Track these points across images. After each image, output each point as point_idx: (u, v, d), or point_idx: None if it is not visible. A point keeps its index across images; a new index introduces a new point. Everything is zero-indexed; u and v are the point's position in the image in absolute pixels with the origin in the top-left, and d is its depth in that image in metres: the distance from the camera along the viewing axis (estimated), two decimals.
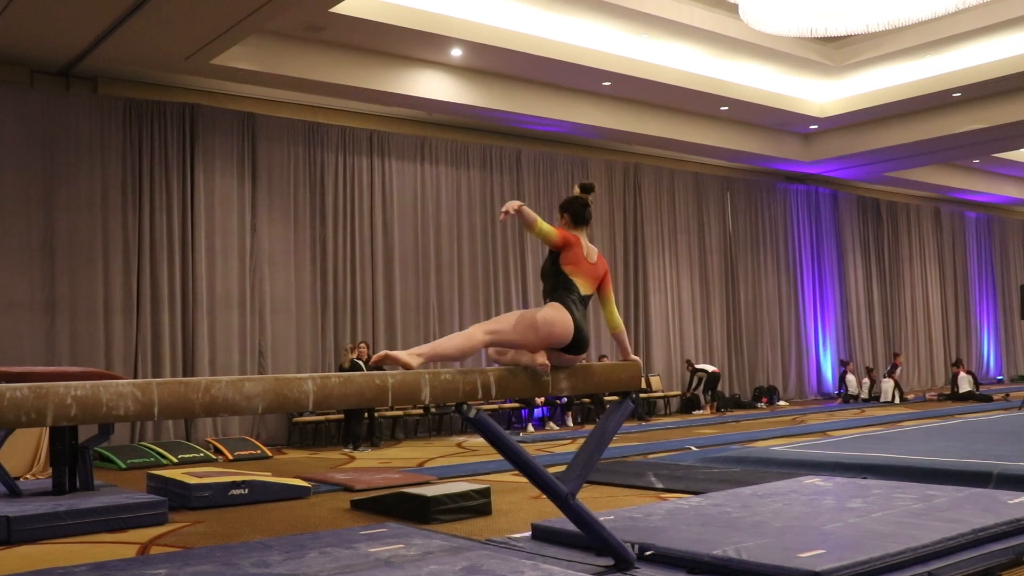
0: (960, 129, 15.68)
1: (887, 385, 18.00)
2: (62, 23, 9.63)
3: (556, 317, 4.17)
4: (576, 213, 4.48)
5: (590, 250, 4.47)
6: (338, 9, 10.37)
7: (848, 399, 18.17)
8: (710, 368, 16.41)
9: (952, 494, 5.58)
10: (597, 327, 15.78)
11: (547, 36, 12.27)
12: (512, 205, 4.08)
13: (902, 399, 17.95)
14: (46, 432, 8.58)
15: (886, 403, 17.54)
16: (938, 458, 7.76)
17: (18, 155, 10.73)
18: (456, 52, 12.08)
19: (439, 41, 11.66)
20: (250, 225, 12.37)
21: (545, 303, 4.34)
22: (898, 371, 18.50)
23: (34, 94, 10.96)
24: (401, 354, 3.88)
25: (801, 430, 12.40)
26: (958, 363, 18.88)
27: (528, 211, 4.15)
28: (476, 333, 4.09)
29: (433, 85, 12.62)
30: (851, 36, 13.79)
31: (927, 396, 19.09)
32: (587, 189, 4.53)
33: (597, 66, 12.86)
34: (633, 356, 4.60)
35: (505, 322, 4.16)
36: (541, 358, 4.17)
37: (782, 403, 17.86)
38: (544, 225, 4.23)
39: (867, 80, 15.38)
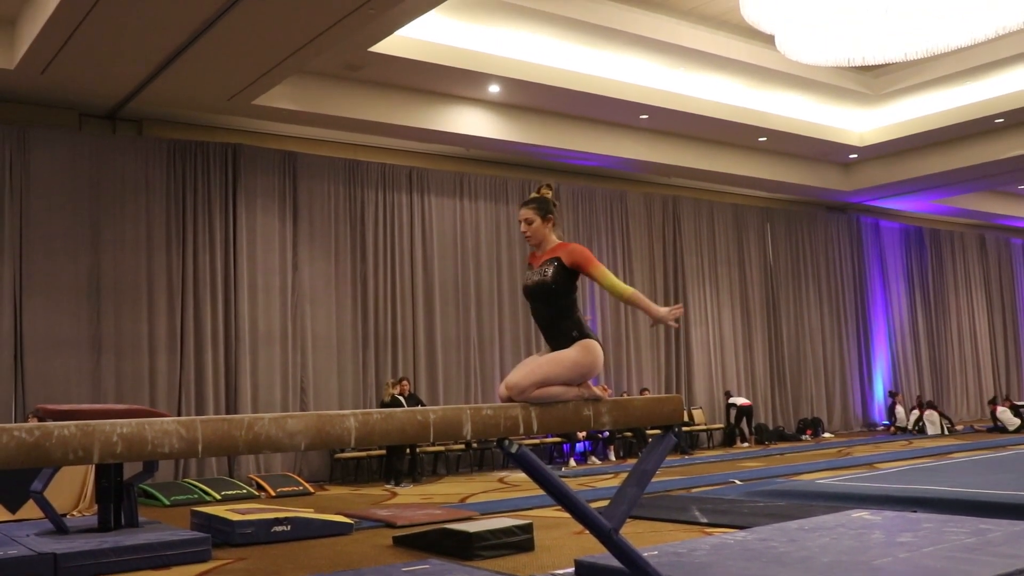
0: (1003, 155, 15.48)
1: (933, 416, 17.67)
2: (109, 68, 9.86)
3: (594, 360, 4.24)
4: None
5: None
6: (376, 48, 10.51)
7: (897, 431, 17.87)
8: (740, 400, 16.26)
9: (1007, 528, 5.44)
10: (637, 362, 15.69)
11: (584, 71, 12.33)
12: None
13: (951, 431, 17.60)
14: (92, 469, 8.66)
15: (934, 435, 17.20)
16: (991, 491, 7.59)
17: (66, 196, 10.97)
18: (494, 88, 12.18)
19: (477, 78, 11.77)
20: (291, 262, 12.50)
21: (555, 335, 4.31)
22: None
23: (82, 136, 11.22)
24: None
25: (847, 462, 12.19)
26: (995, 400, 18.53)
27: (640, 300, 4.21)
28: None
29: (471, 121, 12.72)
30: (889, 64, 13.70)
31: (975, 427, 18.69)
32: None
33: (634, 100, 12.89)
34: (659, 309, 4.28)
35: (543, 379, 4.15)
36: (589, 390, 4.23)
37: (827, 435, 17.60)
38: (620, 286, 4.24)
39: (907, 108, 15.26)
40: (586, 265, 4.24)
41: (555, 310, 4.30)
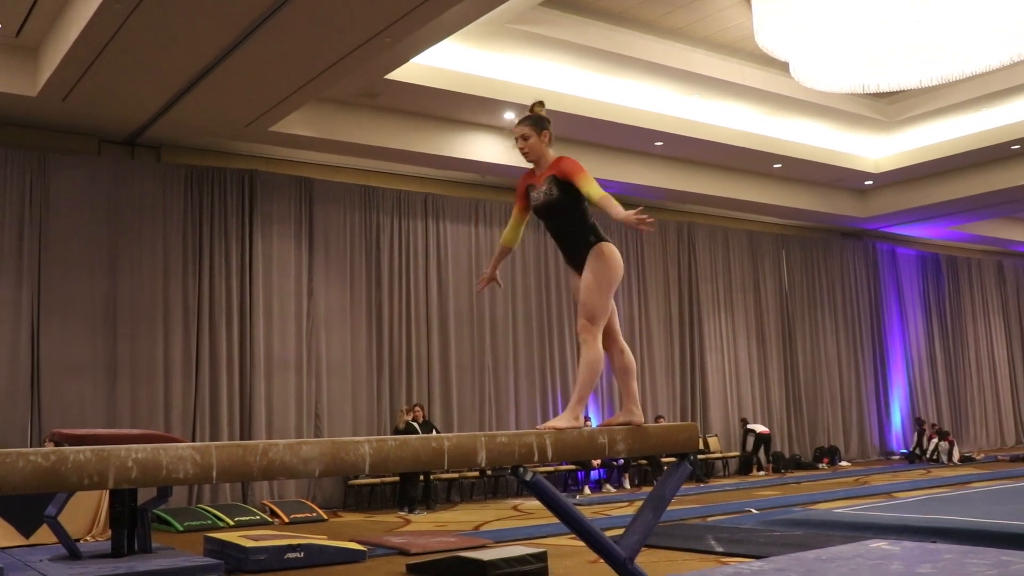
0: (1020, 182, 15.41)
1: (943, 445, 17.52)
2: (129, 95, 9.97)
3: (615, 262, 4.46)
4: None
5: None
6: (393, 76, 10.59)
7: (914, 458, 17.69)
8: (759, 428, 16.16)
9: None
10: (652, 389, 15.63)
11: (599, 98, 12.38)
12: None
13: (961, 460, 17.43)
14: (106, 494, 8.67)
15: (954, 464, 17.04)
16: (1013, 522, 7.49)
17: (84, 221, 11.06)
18: (508, 115, 12.24)
19: (491, 105, 11.83)
20: (307, 288, 12.54)
21: (572, 244, 4.46)
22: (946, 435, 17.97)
23: (101, 162, 11.32)
24: (559, 422, 4.12)
25: (865, 491, 12.07)
26: None
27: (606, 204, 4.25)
28: (592, 352, 4.25)
29: (486, 148, 12.78)
30: (904, 91, 13.70)
31: (999, 457, 18.49)
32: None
33: (649, 126, 12.92)
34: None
35: (592, 313, 4.30)
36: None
37: (844, 463, 17.44)
38: (595, 190, 4.29)
39: (922, 134, 15.24)
40: (573, 175, 4.33)
41: (568, 221, 4.44)
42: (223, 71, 9.35)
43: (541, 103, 4.61)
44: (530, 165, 4.58)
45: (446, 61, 11.06)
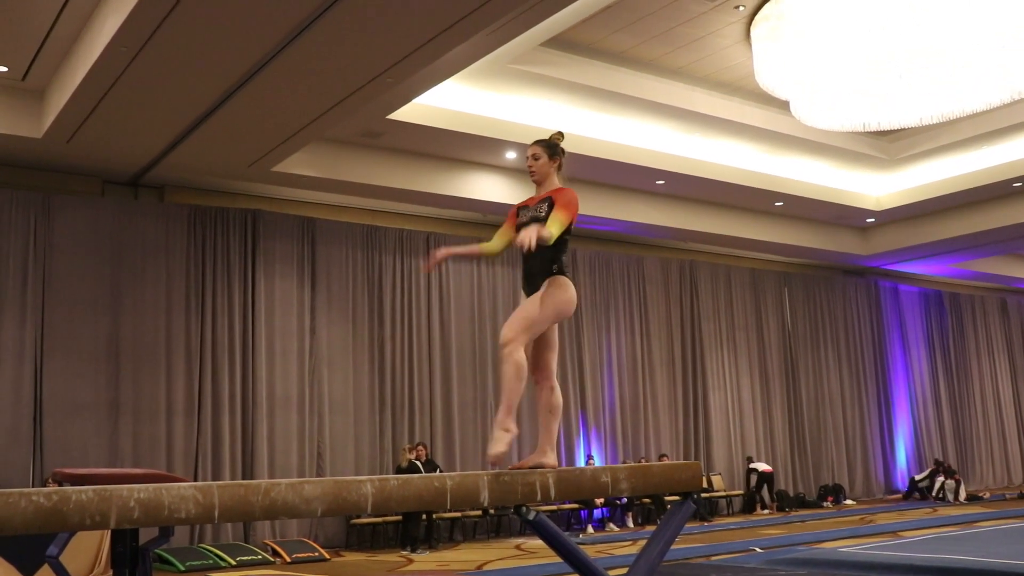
0: (1021, 219, 15.42)
1: (950, 483, 17.39)
2: (133, 136, 10.05)
3: (570, 296, 4.37)
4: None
5: None
6: (395, 116, 10.66)
7: (923, 493, 17.52)
8: (762, 467, 16.08)
9: None
10: (655, 427, 15.56)
11: (600, 137, 12.44)
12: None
13: (968, 498, 17.29)
14: (107, 534, 8.61)
15: (960, 503, 16.91)
16: (1021, 561, 7.42)
17: (88, 261, 11.10)
18: (510, 155, 12.31)
19: (493, 144, 11.89)
20: (309, 327, 12.54)
21: (535, 265, 4.47)
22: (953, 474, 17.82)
23: (104, 203, 11.38)
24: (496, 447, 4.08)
25: (870, 530, 11.97)
26: None
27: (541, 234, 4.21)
28: (516, 357, 4.24)
29: (488, 187, 12.83)
30: (904, 129, 13.78)
31: (1007, 496, 18.34)
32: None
33: (651, 165, 12.97)
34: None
35: (528, 323, 4.26)
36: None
37: (849, 502, 17.32)
38: (555, 228, 4.36)
39: (923, 172, 15.29)
40: (558, 204, 4.46)
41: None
42: (226, 112, 9.43)
43: (560, 134, 4.77)
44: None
45: (448, 101, 11.14)
